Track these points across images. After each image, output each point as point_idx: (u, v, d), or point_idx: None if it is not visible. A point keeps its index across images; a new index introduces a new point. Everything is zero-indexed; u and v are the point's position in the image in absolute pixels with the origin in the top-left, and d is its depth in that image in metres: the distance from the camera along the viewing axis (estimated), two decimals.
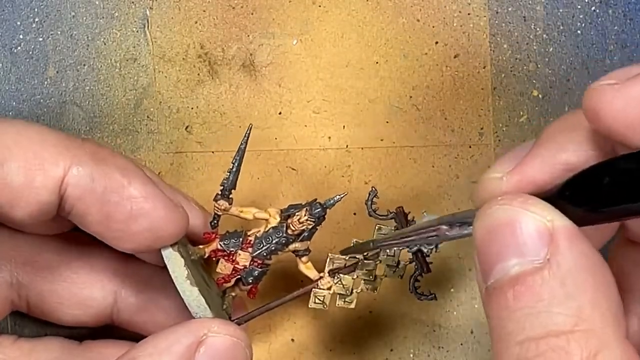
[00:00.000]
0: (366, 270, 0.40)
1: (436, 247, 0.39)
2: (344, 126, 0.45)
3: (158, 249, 0.37)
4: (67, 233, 0.42)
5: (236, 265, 0.39)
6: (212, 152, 0.45)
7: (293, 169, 0.45)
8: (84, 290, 0.41)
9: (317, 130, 0.45)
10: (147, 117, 0.45)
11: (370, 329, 0.46)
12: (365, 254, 0.40)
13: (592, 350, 0.28)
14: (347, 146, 0.45)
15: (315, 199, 0.39)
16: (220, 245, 0.40)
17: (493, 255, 0.30)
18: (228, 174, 0.39)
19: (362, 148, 0.45)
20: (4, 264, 0.40)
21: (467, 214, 0.34)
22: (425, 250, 0.40)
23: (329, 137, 0.45)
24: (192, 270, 0.38)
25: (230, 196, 0.39)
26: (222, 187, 0.39)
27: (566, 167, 0.31)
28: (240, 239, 0.39)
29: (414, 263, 0.40)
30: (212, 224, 0.40)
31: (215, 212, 0.40)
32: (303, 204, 0.39)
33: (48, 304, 0.40)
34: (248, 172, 0.45)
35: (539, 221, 0.29)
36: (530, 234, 0.29)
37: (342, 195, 0.39)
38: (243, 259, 0.39)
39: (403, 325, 0.46)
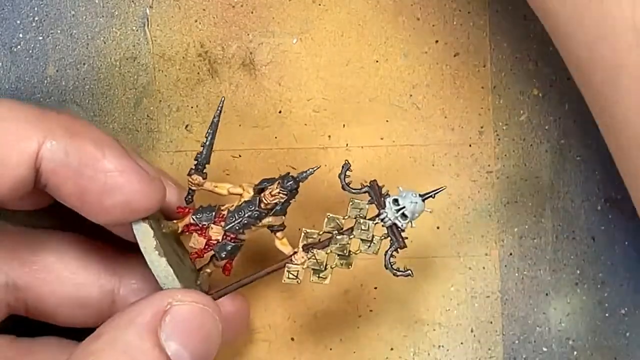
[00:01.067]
0: (340, 244, 0.40)
1: (411, 221, 0.39)
2: (344, 125, 0.45)
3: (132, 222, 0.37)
4: (63, 233, 0.42)
5: (209, 240, 0.39)
6: (212, 151, 0.45)
7: (293, 168, 0.45)
8: (82, 291, 0.41)
9: (317, 129, 0.45)
10: (147, 116, 0.45)
11: (371, 328, 0.46)
12: (340, 227, 0.40)
13: None
14: (347, 145, 0.45)
15: (288, 173, 0.39)
16: (192, 219, 0.39)
17: None
18: (202, 147, 0.39)
19: (362, 147, 0.45)
20: (1, 265, 0.40)
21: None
22: (400, 225, 0.39)
23: (329, 136, 0.45)
24: (162, 243, 0.37)
25: (205, 171, 0.39)
26: (195, 162, 0.39)
27: None
28: (213, 213, 0.39)
29: (389, 238, 0.39)
30: (187, 199, 0.40)
31: (190, 187, 0.39)
32: (276, 178, 0.39)
33: (47, 305, 0.40)
34: (248, 171, 0.45)
35: None
36: None
37: (315, 168, 0.39)
38: (216, 232, 0.39)
39: (403, 324, 0.46)
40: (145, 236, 0.37)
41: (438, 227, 0.45)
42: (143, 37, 0.45)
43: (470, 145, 0.45)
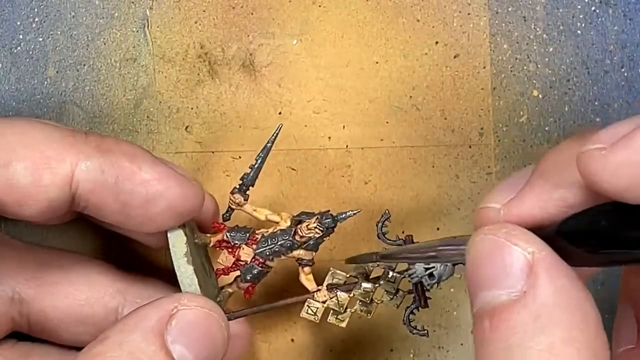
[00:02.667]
0: (364, 291, 0.40)
1: (438, 282, 0.38)
2: (344, 126, 0.45)
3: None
4: (68, 252, 0.42)
5: (238, 260, 0.39)
6: (212, 152, 0.45)
7: (293, 169, 0.45)
8: (86, 307, 0.40)
9: (317, 130, 0.45)
10: (147, 117, 0.45)
11: (371, 329, 0.46)
12: (367, 273, 0.40)
13: None
14: (347, 146, 0.45)
15: (328, 210, 0.39)
16: (226, 236, 0.40)
17: (477, 283, 0.30)
18: (250, 169, 0.40)
19: (362, 148, 0.45)
20: (7, 280, 0.39)
21: (466, 238, 0.34)
22: (426, 285, 0.39)
23: (329, 137, 0.45)
24: (192, 251, 0.38)
25: (247, 192, 0.40)
26: (240, 182, 0.40)
27: (563, 204, 0.31)
28: (247, 235, 0.40)
29: (413, 294, 0.40)
30: (224, 216, 0.40)
31: (230, 205, 0.40)
32: (316, 212, 0.39)
33: (50, 321, 0.40)
34: None
35: (520, 252, 0.29)
36: (510, 265, 0.29)
37: (355, 212, 0.39)
38: (246, 253, 0.39)
39: (403, 325, 0.46)
40: (177, 241, 0.37)
41: (438, 229, 0.46)
42: (143, 39, 0.45)
43: (470, 147, 0.45)
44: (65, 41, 0.45)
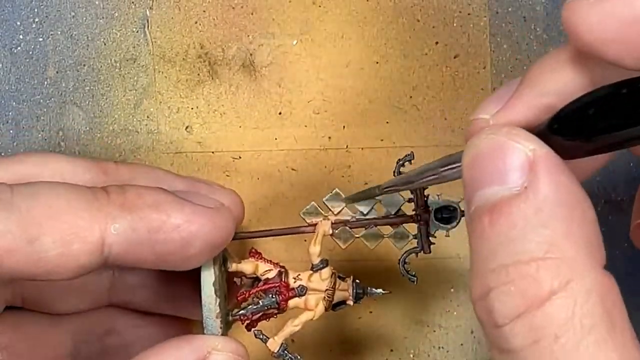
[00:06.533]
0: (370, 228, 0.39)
1: (447, 229, 0.39)
2: (344, 126, 0.45)
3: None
4: None
5: (285, 282, 0.39)
6: (212, 152, 0.45)
7: (293, 169, 0.45)
8: (79, 279, 0.40)
9: (317, 131, 0.45)
10: (147, 117, 0.45)
11: (371, 329, 0.46)
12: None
13: (563, 278, 0.27)
14: (347, 146, 0.45)
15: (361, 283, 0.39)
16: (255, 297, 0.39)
17: (476, 182, 0.30)
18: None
19: (362, 148, 0.45)
20: None
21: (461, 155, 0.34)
22: (432, 231, 0.39)
23: (329, 137, 0.45)
24: (220, 286, 0.37)
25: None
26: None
27: (550, 110, 0.31)
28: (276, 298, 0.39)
29: (416, 239, 0.39)
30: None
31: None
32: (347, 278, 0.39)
33: (44, 294, 0.40)
34: (248, 172, 0.45)
35: (521, 150, 0.29)
36: (512, 162, 0.29)
37: (385, 292, 0.39)
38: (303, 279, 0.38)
39: (403, 326, 0.46)
40: (207, 279, 0.37)
41: None
42: (143, 39, 0.45)
43: None
44: (65, 41, 0.45)
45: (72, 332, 0.41)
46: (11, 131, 0.45)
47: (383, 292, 0.39)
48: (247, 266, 0.39)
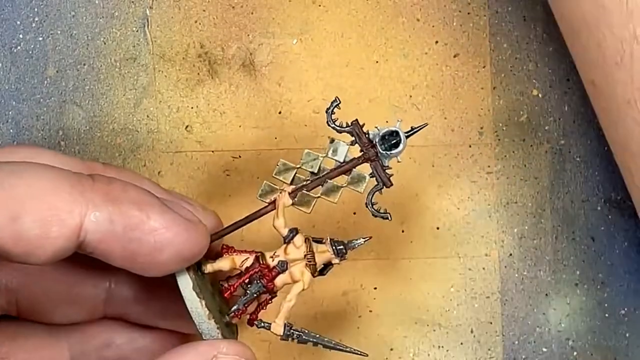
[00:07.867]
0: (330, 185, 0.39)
1: (397, 156, 0.38)
2: None
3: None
4: None
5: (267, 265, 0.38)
6: (212, 151, 0.45)
7: None
8: (75, 289, 0.40)
9: (317, 130, 0.45)
10: (147, 116, 0.45)
11: (371, 329, 0.46)
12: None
13: None
14: None
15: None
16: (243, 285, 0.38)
17: None
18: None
19: None
20: None
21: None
22: (386, 162, 0.38)
23: (329, 137, 0.45)
24: (202, 289, 0.37)
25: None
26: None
27: None
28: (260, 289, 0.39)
29: (374, 177, 0.38)
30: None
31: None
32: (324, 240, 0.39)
33: (40, 305, 0.40)
34: (248, 171, 0.45)
35: None
36: None
37: (365, 239, 0.39)
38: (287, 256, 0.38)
39: (403, 325, 0.46)
40: (186, 284, 0.37)
41: (438, 228, 0.46)
42: (143, 38, 0.45)
43: (470, 146, 0.45)
44: (65, 40, 0.45)
45: (69, 345, 0.41)
46: (11, 130, 0.45)
47: (364, 239, 0.38)
48: (223, 263, 0.38)
